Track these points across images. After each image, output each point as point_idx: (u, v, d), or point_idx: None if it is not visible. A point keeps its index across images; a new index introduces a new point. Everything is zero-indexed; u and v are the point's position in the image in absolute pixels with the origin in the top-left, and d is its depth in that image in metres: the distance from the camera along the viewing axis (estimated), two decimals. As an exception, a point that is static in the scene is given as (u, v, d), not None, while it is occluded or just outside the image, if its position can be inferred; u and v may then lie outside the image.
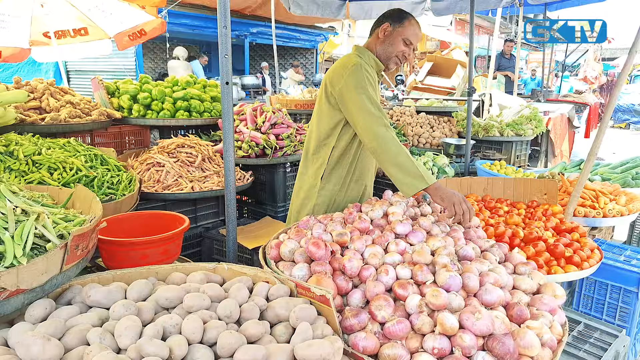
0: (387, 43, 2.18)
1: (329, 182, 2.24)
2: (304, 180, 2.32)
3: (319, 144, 2.23)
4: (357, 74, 2.05)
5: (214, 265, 1.63)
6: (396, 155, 1.92)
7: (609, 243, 2.84)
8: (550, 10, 7.64)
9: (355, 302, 1.48)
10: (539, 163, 6.20)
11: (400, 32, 2.16)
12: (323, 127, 2.20)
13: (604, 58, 22.12)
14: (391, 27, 2.17)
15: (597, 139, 2.72)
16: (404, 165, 1.90)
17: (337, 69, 2.14)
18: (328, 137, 2.20)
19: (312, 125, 2.30)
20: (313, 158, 2.26)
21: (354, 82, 2.03)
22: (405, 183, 1.90)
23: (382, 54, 2.21)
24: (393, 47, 2.17)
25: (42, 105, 3.09)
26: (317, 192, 2.25)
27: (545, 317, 1.46)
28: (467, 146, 4.20)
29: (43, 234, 1.38)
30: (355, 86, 2.02)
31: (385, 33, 2.18)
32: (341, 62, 2.17)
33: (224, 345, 1.17)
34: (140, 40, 5.00)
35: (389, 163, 1.94)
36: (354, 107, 2.02)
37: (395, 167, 1.92)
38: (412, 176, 1.89)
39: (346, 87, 2.04)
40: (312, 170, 2.26)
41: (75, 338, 1.19)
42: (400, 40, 2.16)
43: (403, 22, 2.16)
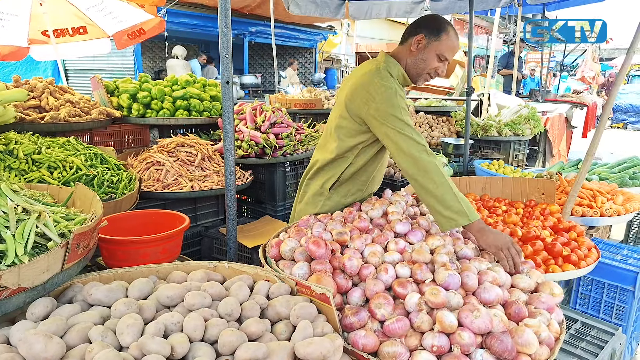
0: (420, 58, 1.96)
1: (336, 194, 2.16)
2: (310, 186, 2.22)
3: (336, 157, 2.09)
4: (392, 99, 1.85)
5: (214, 263, 1.64)
6: (438, 185, 1.74)
7: (606, 242, 2.86)
8: (549, 10, 7.67)
9: (355, 300, 1.49)
10: (537, 163, 6.22)
11: (435, 46, 1.93)
12: (343, 144, 2.05)
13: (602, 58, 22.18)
14: (426, 40, 1.93)
15: (595, 138, 2.73)
16: (445, 197, 1.73)
17: (364, 87, 1.92)
18: (346, 152, 2.07)
19: (329, 137, 2.13)
20: (326, 168, 2.14)
21: (389, 108, 1.84)
22: (444, 216, 1.74)
23: (412, 69, 2.00)
24: (425, 64, 1.96)
25: (41, 104, 3.09)
26: (323, 201, 2.16)
27: (543, 315, 1.48)
28: (466, 146, 4.21)
29: (44, 232, 1.39)
30: (392, 113, 1.84)
31: (419, 46, 1.95)
32: (369, 79, 1.93)
33: (225, 343, 1.18)
34: (139, 39, 4.99)
35: (427, 193, 1.76)
36: (392, 132, 1.83)
37: (434, 199, 1.75)
38: (452, 210, 1.72)
39: (378, 113, 1.86)
40: (322, 179, 2.15)
41: (77, 336, 1.20)
42: (434, 56, 1.94)
43: (440, 35, 1.91)
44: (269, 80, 12.44)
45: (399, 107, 1.85)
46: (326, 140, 2.17)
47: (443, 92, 8.26)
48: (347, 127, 2.02)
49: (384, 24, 16.69)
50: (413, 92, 8.61)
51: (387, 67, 1.97)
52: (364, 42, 14.89)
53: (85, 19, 4.98)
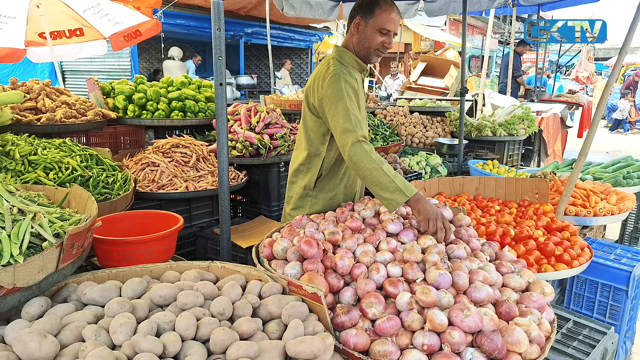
0: (363, 38, 2.02)
1: (321, 191, 2.19)
2: (293, 189, 2.26)
3: (310, 155, 2.15)
4: (334, 84, 1.92)
5: (207, 263, 1.65)
6: (371, 171, 1.80)
7: (599, 242, 2.88)
8: (543, 10, 7.70)
9: (346, 299, 1.51)
10: (532, 162, 6.25)
11: (373, 23, 1.98)
12: (311, 140, 2.13)
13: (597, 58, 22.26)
14: (363, 21, 2.00)
15: (588, 138, 2.76)
16: (381, 180, 1.79)
17: (316, 79, 2.03)
18: (317, 148, 2.13)
19: (300, 136, 2.21)
20: (304, 169, 2.18)
21: (331, 94, 1.92)
22: (385, 199, 1.81)
23: (361, 51, 2.06)
24: (369, 42, 2.01)
25: (38, 105, 3.10)
26: (310, 200, 2.19)
27: (534, 314, 1.49)
28: (460, 146, 4.24)
29: (39, 232, 1.40)
30: (332, 99, 1.91)
31: (359, 28, 2.02)
32: (320, 70, 2.05)
33: (217, 341, 1.19)
34: (135, 40, 5.01)
35: (367, 181, 1.84)
36: (332, 122, 1.93)
37: (373, 185, 1.82)
38: (389, 191, 1.79)
39: (325, 100, 1.95)
40: (304, 180, 2.19)
41: (71, 335, 1.21)
42: (375, 32, 1.99)
43: (374, 11, 1.96)
44: (265, 81, 12.44)
45: (342, 90, 1.91)
46: (300, 139, 2.24)
47: (438, 92, 8.30)
48: (310, 122, 2.11)
49: (380, 25, 16.67)
50: (408, 92, 8.64)
51: (337, 57, 2.06)
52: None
53: (82, 21, 4.99)
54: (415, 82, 8.86)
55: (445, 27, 16.53)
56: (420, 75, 8.99)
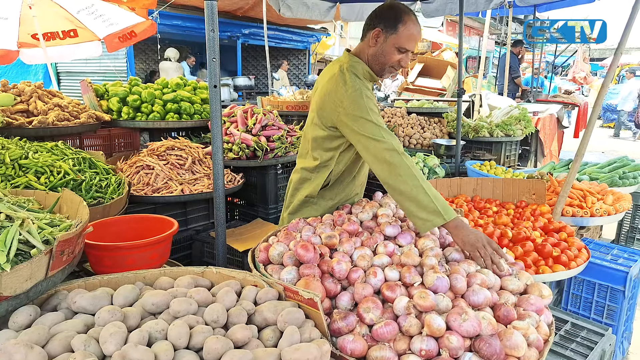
0: (379, 53, 1.91)
1: (322, 199, 2.16)
2: (296, 196, 2.21)
3: (319, 166, 2.08)
4: (359, 102, 1.82)
5: (202, 269, 1.62)
6: (411, 188, 1.69)
7: (596, 242, 2.87)
8: (539, 11, 7.71)
9: (343, 304, 1.48)
10: (529, 163, 6.25)
11: (394, 40, 1.86)
12: (323, 153, 2.05)
13: (593, 58, 22.38)
14: (383, 34, 1.87)
15: (584, 139, 2.75)
16: (419, 199, 1.67)
17: (332, 94, 1.89)
18: (327, 161, 2.06)
19: (307, 145, 2.12)
20: (311, 177, 2.12)
21: (357, 111, 1.81)
22: (420, 218, 1.68)
23: (375, 65, 1.96)
24: (386, 58, 1.91)
25: (29, 108, 3.06)
26: (310, 207, 2.16)
27: (532, 317, 1.47)
28: (458, 147, 4.22)
29: (28, 239, 1.37)
30: (360, 116, 1.81)
31: (377, 40, 1.90)
32: (336, 84, 1.89)
33: (210, 350, 1.16)
34: (130, 42, 4.97)
35: (402, 196, 1.71)
36: (362, 138, 1.80)
37: (409, 201, 1.69)
38: (427, 211, 1.66)
39: (348, 118, 1.83)
40: (308, 189, 2.13)
41: (60, 345, 1.18)
42: (394, 49, 1.88)
43: (397, 27, 1.84)
44: (263, 82, 12.42)
45: (366, 108, 1.81)
46: (306, 149, 2.15)
47: (435, 93, 8.29)
48: (323, 137, 2.00)
49: (377, 26, 16.70)
50: (405, 93, 8.63)
51: (351, 67, 1.93)
52: (357, 44, 14.92)
53: (76, 22, 4.95)
54: (412, 83, 8.86)
55: (442, 28, 16.57)
56: (417, 76, 8.99)
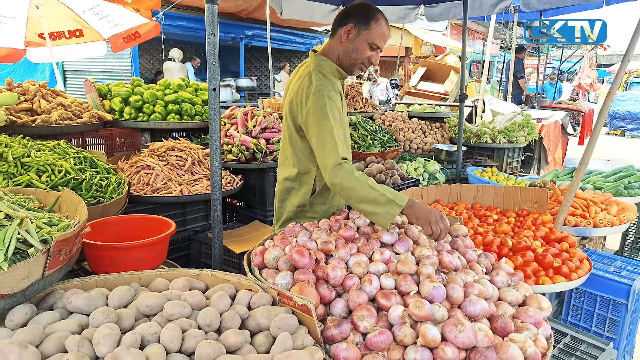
0: (352, 49, 1.91)
1: (315, 206, 2.12)
2: (285, 207, 2.16)
3: (300, 174, 2.06)
4: (318, 102, 1.82)
5: (197, 271, 1.62)
6: (356, 190, 1.71)
7: (599, 253, 2.83)
8: (545, 16, 7.69)
9: (337, 311, 1.47)
10: (532, 170, 6.22)
11: (366, 35, 1.88)
12: (300, 159, 2.03)
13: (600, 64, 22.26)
14: (356, 30, 1.88)
15: (589, 147, 2.72)
16: (369, 196, 1.70)
17: (299, 96, 1.90)
18: (307, 166, 2.04)
19: (286, 152, 2.10)
20: (296, 186, 2.10)
21: (314, 112, 1.82)
22: (378, 214, 1.70)
23: (346, 60, 1.95)
24: (358, 54, 1.91)
25: (33, 107, 3.07)
26: (305, 214, 2.12)
27: (530, 330, 1.46)
28: (459, 152, 4.21)
29: (26, 238, 1.37)
30: (315, 118, 1.81)
31: (349, 36, 1.90)
32: (302, 85, 1.90)
33: (202, 355, 1.16)
34: (134, 42, 5.00)
35: (353, 200, 1.75)
36: (314, 143, 1.84)
37: (362, 203, 1.72)
38: (382, 204, 1.69)
39: (308, 118, 1.85)
40: (297, 198, 2.10)
41: (54, 345, 1.18)
42: (366, 45, 1.89)
43: (369, 23, 1.86)
44: (265, 83, 12.44)
45: (324, 109, 1.81)
46: (284, 156, 2.13)
47: (437, 97, 8.27)
48: (297, 141, 2.00)
49: (382, 29, 16.66)
50: (407, 97, 8.61)
51: (317, 67, 1.94)
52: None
53: (82, 22, 4.98)
54: (414, 87, 8.84)
55: (446, 32, 16.54)
56: (420, 80, 8.97)
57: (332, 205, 2.18)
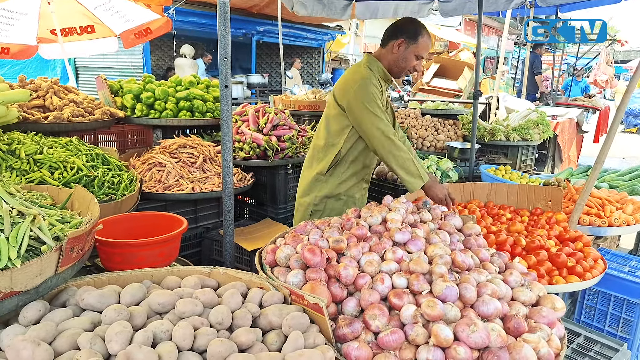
0: (401, 59, 2.33)
1: (331, 176, 2.47)
2: (305, 175, 2.55)
3: (327, 144, 2.44)
4: (365, 88, 2.24)
5: (209, 269, 1.62)
6: (398, 159, 2.23)
7: (613, 253, 2.78)
8: (562, 12, 7.54)
9: (349, 310, 1.46)
10: (546, 168, 6.13)
11: (413, 49, 2.30)
12: (331, 130, 2.42)
13: (617, 61, 21.81)
14: (405, 44, 2.30)
15: (605, 145, 2.67)
16: (406, 165, 2.23)
17: (348, 81, 2.33)
18: (335, 138, 2.41)
19: (321, 126, 2.51)
20: (320, 155, 2.48)
21: (362, 96, 2.23)
22: (408, 181, 2.24)
23: (394, 68, 2.37)
24: (406, 63, 2.34)
25: (45, 103, 3.11)
26: (320, 184, 2.47)
27: (543, 330, 1.44)
28: (472, 150, 4.15)
29: (38, 236, 1.38)
30: (363, 100, 2.23)
31: (400, 48, 2.31)
32: (351, 73, 2.36)
33: (214, 353, 1.16)
34: (146, 38, 5.00)
35: (396, 166, 2.25)
36: (363, 119, 2.25)
37: (399, 168, 2.24)
38: (412, 175, 2.24)
39: (354, 100, 2.25)
40: (318, 167, 2.47)
41: (66, 342, 1.19)
42: (413, 56, 2.32)
43: (417, 39, 2.29)
44: (277, 80, 12.42)
45: (370, 94, 2.24)
46: (319, 130, 2.54)
47: (451, 94, 8.18)
48: (334, 115, 2.41)
49: (394, 25, 16.56)
50: (420, 94, 8.53)
51: (367, 64, 2.37)
52: (372, 42, 14.81)
53: (93, 18, 5.01)
54: (427, 83, 8.76)
55: (460, 27, 16.34)
56: (433, 76, 8.88)
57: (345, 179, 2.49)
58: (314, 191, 2.49)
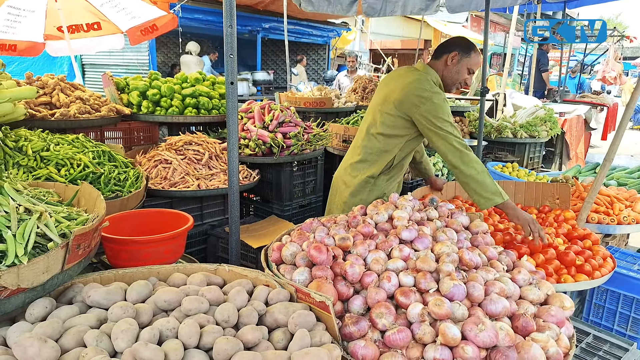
0: (455, 71, 2.39)
1: (380, 180, 2.52)
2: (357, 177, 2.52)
3: (381, 149, 2.46)
4: (442, 105, 2.26)
5: (215, 266, 1.62)
6: (478, 172, 2.19)
7: (622, 251, 2.76)
8: (569, 7, 7.46)
9: (356, 308, 1.46)
10: (554, 165, 6.07)
11: (466, 62, 2.37)
12: (388, 138, 2.44)
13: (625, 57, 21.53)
14: (459, 57, 2.36)
15: (614, 142, 2.64)
16: (485, 182, 2.18)
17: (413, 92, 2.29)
18: (391, 145, 2.44)
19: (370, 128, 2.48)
20: (372, 158, 2.49)
21: (439, 112, 2.24)
22: (484, 197, 2.16)
23: (448, 79, 2.42)
24: (459, 75, 2.41)
25: (52, 100, 3.11)
26: (370, 187, 2.51)
27: (552, 329, 1.42)
28: (479, 147, 4.12)
29: (45, 232, 1.38)
30: (440, 116, 2.24)
31: (454, 61, 2.37)
32: (420, 85, 2.30)
33: (220, 351, 1.16)
34: (152, 35, 5.01)
35: (471, 179, 2.19)
36: (441, 132, 2.23)
37: (476, 183, 2.19)
38: (490, 192, 2.17)
39: (429, 115, 2.25)
40: (371, 170, 2.49)
41: (73, 339, 1.19)
42: (465, 69, 2.39)
43: (470, 53, 2.36)
44: (282, 76, 12.39)
45: (446, 111, 2.26)
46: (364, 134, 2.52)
47: (457, 91, 8.13)
48: (394, 124, 2.40)
49: (399, 21, 16.51)
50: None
51: (427, 75, 2.38)
52: (378, 39, 14.75)
53: (99, 15, 5.02)
54: (433, 80, 8.67)
55: (466, 24, 16.24)
56: (439, 73, 8.79)
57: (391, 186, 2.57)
58: (362, 194, 2.52)
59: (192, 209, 2.86)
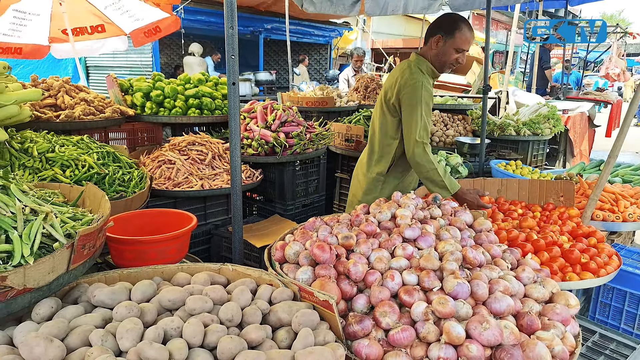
0: (441, 54, 2.39)
1: (389, 176, 2.57)
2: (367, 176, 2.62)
3: (382, 145, 2.54)
4: (416, 91, 2.31)
5: (218, 266, 1.62)
6: (428, 170, 2.31)
7: (628, 249, 2.74)
8: (571, 5, 7.43)
9: (359, 307, 1.46)
10: (558, 163, 6.05)
11: (451, 43, 2.36)
12: (388, 133, 2.51)
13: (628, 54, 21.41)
14: (443, 39, 2.36)
15: (619, 139, 2.62)
16: (434, 178, 2.31)
17: (399, 82, 2.38)
18: (389, 139, 2.51)
19: (375, 129, 2.59)
20: (377, 156, 2.58)
21: (410, 99, 2.32)
22: (434, 192, 2.27)
23: (437, 62, 2.44)
24: (446, 57, 2.40)
25: (57, 102, 3.14)
26: (381, 184, 2.58)
27: (557, 327, 1.42)
28: (482, 145, 4.11)
29: (51, 233, 1.40)
30: (410, 104, 2.32)
31: (439, 44, 2.38)
32: (402, 74, 2.39)
33: (224, 350, 1.16)
34: (155, 37, 5.03)
35: (422, 176, 2.36)
36: (405, 124, 2.36)
37: (426, 180, 2.35)
38: (440, 187, 2.30)
39: (404, 102, 2.35)
40: (378, 167, 2.57)
41: (78, 339, 1.20)
42: (452, 50, 2.37)
43: (454, 33, 2.34)
44: (284, 77, 12.42)
45: (420, 99, 2.31)
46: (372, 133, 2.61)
47: (459, 89, 8.11)
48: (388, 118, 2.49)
49: (400, 20, 16.49)
50: (429, 89, 8.43)
51: (417, 64, 2.43)
52: (379, 38, 14.72)
53: (103, 18, 5.04)
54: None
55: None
56: (441, 71, 8.78)
57: (403, 180, 2.62)
58: (374, 192, 2.57)
59: (195, 208, 2.87)
